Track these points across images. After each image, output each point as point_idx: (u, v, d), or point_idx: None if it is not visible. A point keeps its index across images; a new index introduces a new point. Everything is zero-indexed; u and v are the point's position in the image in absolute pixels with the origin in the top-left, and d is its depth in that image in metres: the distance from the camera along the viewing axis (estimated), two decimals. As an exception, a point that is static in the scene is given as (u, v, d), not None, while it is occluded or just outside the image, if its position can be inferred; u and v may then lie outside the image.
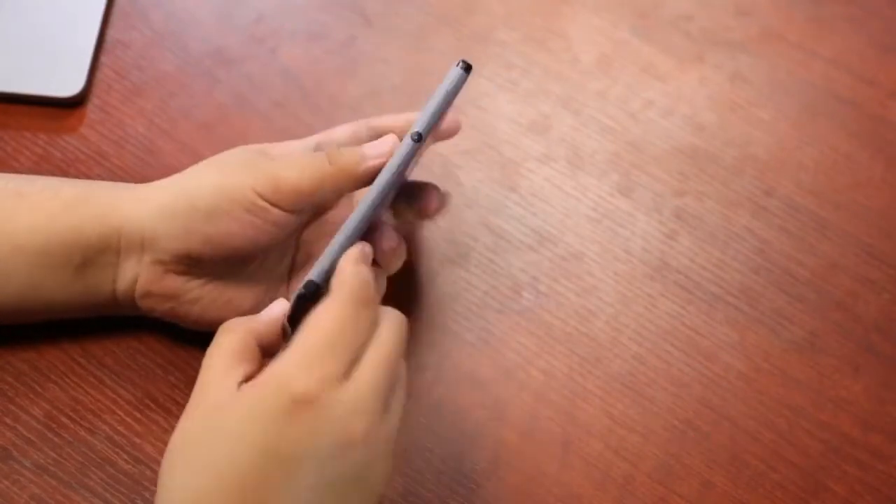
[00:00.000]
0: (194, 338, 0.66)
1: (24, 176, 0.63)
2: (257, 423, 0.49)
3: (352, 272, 0.53)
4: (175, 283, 0.61)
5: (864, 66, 0.78)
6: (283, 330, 0.56)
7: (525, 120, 0.75)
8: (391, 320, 0.53)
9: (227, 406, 0.51)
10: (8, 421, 0.63)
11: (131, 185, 0.62)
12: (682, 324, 0.69)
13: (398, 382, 0.53)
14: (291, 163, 0.59)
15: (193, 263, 0.60)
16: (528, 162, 0.74)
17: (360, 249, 0.55)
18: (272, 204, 0.58)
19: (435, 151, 0.73)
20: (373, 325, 0.53)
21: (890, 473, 0.65)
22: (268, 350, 0.55)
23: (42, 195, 0.61)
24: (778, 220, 0.73)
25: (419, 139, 0.58)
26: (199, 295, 0.61)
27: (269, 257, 0.63)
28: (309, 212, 0.61)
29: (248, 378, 0.52)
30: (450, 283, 0.69)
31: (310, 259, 0.64)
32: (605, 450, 0.65)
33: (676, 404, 0.67)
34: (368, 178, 0.58)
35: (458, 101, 0.76)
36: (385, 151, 0.59)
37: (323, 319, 0.52)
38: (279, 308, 0.56)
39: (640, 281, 0.70)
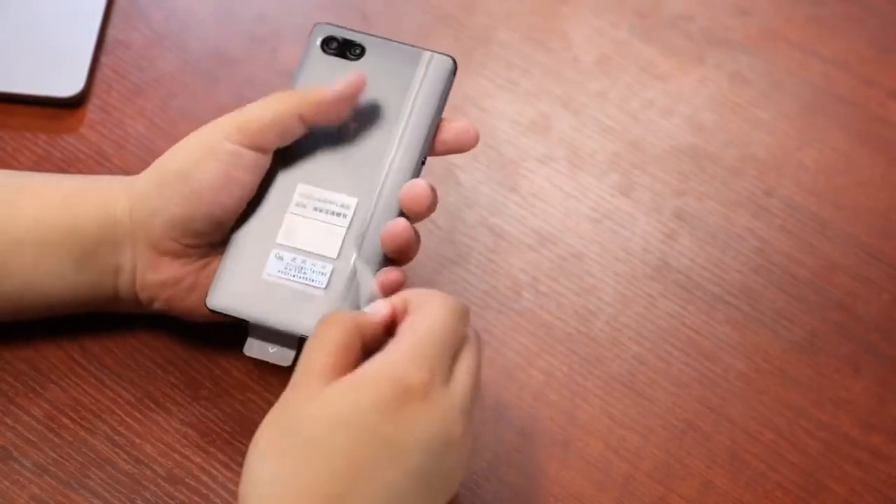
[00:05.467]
0: (194, 337, 0.66)
1: (25, 172, 0.63)
2: (369, 410, 0.50)
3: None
4: (171, 268, 0.61)
5: (864, 66, 0.78)
6: (388, 330, 0.55)
7: (525, 120, 0.75)
8: (476, 335, 0.55)
9: (333, 395, 0.51)
10: (8, 421, 0.63)
11: (127, 178, 0.63)
12: (682, 324, 0.69)
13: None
14: (254, 104, 0.61)
15: (183, 238, 0.61)
16: (528, 162, 0.74)
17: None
18: (241, 145, 0.60)
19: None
20: (465, 337, 0.54)
21: (890, 473, 0.65)
22: (370, 349, 0.54)
23: (43, 188, 0.62)
24: (778, 220, 0.73)
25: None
26: (195, 281, 0.62)
27: None
28: (275, 146, 0.61)
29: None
30: (450, 283, 0.69)
31: None
32: (605, 450, 0.65)
33: (676, 404, 0.67)
34: (332, 104, 0.61)
35: (458, 101, 0.76)
36: (352, 81, 0.61)
37: (431, 320, 0.53)
38: (386, 309, 0.55)
39: (640, 281, 0.70)
